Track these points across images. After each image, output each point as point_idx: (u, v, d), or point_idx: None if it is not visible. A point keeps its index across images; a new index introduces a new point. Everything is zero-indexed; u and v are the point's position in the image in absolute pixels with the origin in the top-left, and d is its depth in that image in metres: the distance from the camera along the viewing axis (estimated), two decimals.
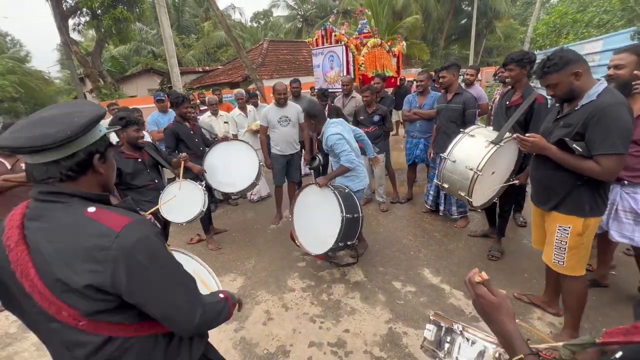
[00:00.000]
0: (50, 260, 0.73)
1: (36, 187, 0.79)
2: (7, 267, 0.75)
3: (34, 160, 0.77)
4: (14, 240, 0.75)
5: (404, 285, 2.72)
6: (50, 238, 0.75)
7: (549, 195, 1.88)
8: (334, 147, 2.69)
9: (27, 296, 0.75)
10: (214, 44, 19.99)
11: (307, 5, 26.14)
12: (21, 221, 0.77)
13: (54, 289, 0.73)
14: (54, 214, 0.78)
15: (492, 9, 23.03)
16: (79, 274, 0.72)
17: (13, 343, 2.43)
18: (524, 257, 2.98)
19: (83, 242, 0.74)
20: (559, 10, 8.64)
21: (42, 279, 0.73)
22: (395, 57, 7.53)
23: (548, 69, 1.69)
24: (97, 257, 0.73)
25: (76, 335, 0.77)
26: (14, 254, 0.74)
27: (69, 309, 0.74)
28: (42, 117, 0.77)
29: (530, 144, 1.79)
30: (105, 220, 0.77)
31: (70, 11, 12.18)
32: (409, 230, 3.67)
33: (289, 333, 2.30)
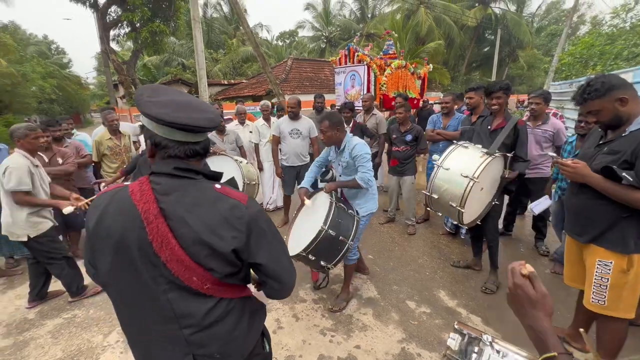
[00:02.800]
0: (197, 229, 0.80)
1: (170, 163, 0.84)
2: (143, 238, 0.80)
3: (193, 138, 0.85)
4: (154, 213, 0.80)
5: (419, 306, 2.64)
6: (192, 210, 0.82)
7: (587, 226, 1.75)
8: (360, 159, 2.40)
9: (156, 266, 0.81)
10: (240, 58, 20.88)
11: (331, 27, 27.08)
12: (154, 195, 0.82)
13: (195, 255, 0.80)
14: (188, 188, 0.85)
15: (516, 39, 23.16)
16: (225, 239, 0.82)
17: (30, 329, 2.49)
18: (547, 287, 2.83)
19: (222, 212, 0.83)
20: (586, 42, 8.58)
21: (183, 247, 0.80)
22: (420, 80, 7.63)
23: (588, 95, 1.62)
24: (235, 225, 0.83)
25: (192, 301, 0.85)
26: (153, 226, 0.79)
27: (204, 273, 0.82)
28: (194, 102, 0.87)
29: (573, 170, 1.68)
30: (232, 195, 0.87)
31: (113, 23, 13.10)
32: (424, 251, 3.59)
33: (298, 343, 2.26)
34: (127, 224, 0.82)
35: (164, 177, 0.84)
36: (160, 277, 0.82)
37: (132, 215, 0.81)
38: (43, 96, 19.32)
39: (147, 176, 0.87)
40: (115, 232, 0.82)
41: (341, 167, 2.56)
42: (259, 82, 15.10)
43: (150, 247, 0.80)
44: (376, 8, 25.49)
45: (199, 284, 0.83)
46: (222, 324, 0.90)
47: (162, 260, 0.80)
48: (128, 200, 0.83)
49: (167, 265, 0.80)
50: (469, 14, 21.20)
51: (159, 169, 0.85)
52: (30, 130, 2.53)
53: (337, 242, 2.25)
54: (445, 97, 3.93)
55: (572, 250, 1.97)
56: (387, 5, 23.38)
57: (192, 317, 0.86)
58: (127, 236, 0.81)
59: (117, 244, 0.82)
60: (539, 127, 3.18)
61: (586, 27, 26.23)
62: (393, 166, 4.01)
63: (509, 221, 3.84)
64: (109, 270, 0.86)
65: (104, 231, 0.84)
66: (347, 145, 2.48)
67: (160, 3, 12.74)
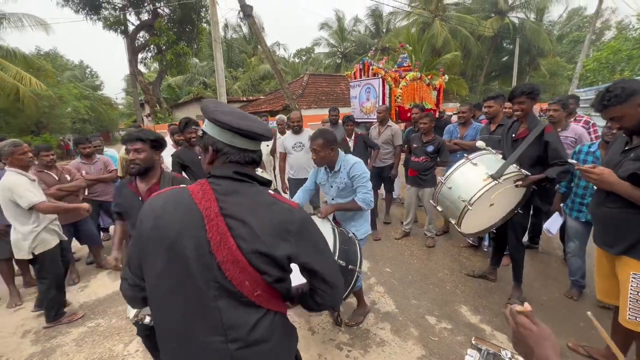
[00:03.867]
0: (257, 229, 0.81)
1: (230, 168, 0.89)
2: (202, 237, 0.81)
3: (253, 146, 0.92)
4: (215, 211, 0.81)
5: (439, 321, 2.53)
6: (252, 212, 0.83)
7: (617, 236, 1.67)
8: (360, 178, 2.21)
9: (210, 269, 0.81)
10: (258, 76, 21.59)
11: (346, 42, 27.59)
12: (215, 195, 0.84)
13: (252, 257, 0.80)
14: (246, 191, 0.87)
15: (536, 47, 22.64)
16: (281, 244, 0.83)
17: (57, 336, 2.59)
18: (579, 303, 2.66)
19: (278, 216, 0.85)
20: (612, 47, 8.26)
21: (240, 247, 0.80)
22: (435, 90, 7.59)
23: (608, 101, 1.58)
24: (290, 229, 0.85)
25: (241, 311, 0.84)
26: (213, 224, 0.80)
27: (256, 277, 0.82)
28: (250, 115, 0.94)
29: (597, 177, 1.60)
30: (284, 200, 0.91)
31: (141, 47, 13.99)
32: (445, 264, 3.47)
33: (314, 357, 2.21)
34: (187, 222, 0.83)
35: (223, 180, 0.88)
36: (212, 281, 0.81)
37: (192, 213, 0.83)
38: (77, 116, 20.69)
39: (206, 179, 0.91)
40: (172, 230, 0.83)
41: (335, 190, 2.33)
42: (276, 97, 15.50)
43: (208, 245, 0.80)
44: (391, 22, 25.80)
45: (250, 290, 0.82)
46: (268, 343, 0.87)
47: (217, 261, 0.80)
48: (188, 199, 0.85)
49: (221, 267, 0.80)
50: (485, 25, 21.00)
51: (219, 172, 0.89)
52: (16, 147, 2.50)
53: (347, 272, 1.93)
54: (462, 107, 3.88)
55: (603, 263, 1.85)
56: (402, 20, 23.61)
57: (240, 330, 0.83)
58: (185, 234, 0.82)
59: (173, 243, 0.82)
60: (560, 133, 3.06)
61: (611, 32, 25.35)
62: (412, 176, 3.92)
63: (534, 233, 3.66)
64: (160, 273, 0.85)
65: (161, 230, 0.84)
66: (342, 165, 2.25)
67: (184, 26, 13.53)
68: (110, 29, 12.87)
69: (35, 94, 12.83)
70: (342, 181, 2.27)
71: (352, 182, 2.25)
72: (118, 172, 3.98)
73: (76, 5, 12.17)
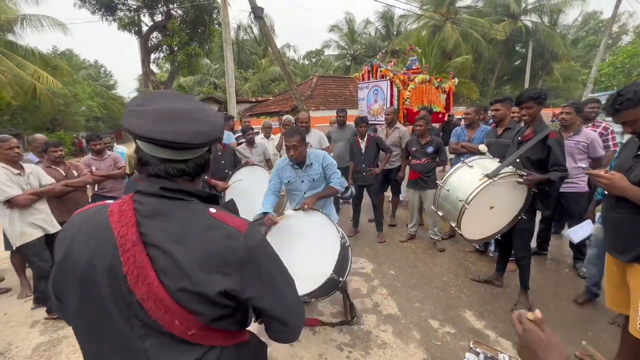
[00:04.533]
0: (182, 262, 0.66)
1: (156, 183, 0.71)
2: (116, 270, 0.66)
3: (176, 156, 0.71)
4: (131, 240, 0.66)
5: (442, 325, 2.50)
6: (177, 239, 0.67)
7: (629, 243, 1.62)
8: (332, 166, 2.48)
9: (130, 306, 0.67)
10: (268, 78, 21.78)
11: (356, 45, 27.61)
12: (135, 218, 0.68)
13: (177, 295, 0.66)
14: (177, 212, 0.70)
15: (550, 51, 22.26)
16: (214, 278, 0.67)
17: (64, 327, 2.64)
18: (588, 311, 2.59)
19: (215, 243, 0.69)
20: (628, 51, 8.07)
21: (164, 283, 0.65)
22: (445, 94, 7.52)
23: (620, 105, 1.55)
24: (229, 259, 0.69)
25: (174, 352, 0.70)
26: (129, 255, 0.65)
27: (187, 317, 0.67)
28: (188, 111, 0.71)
29: (608, 182, 1.58)
30: (229, 221, 0.73)
31: (154, 47, 14.26)
32: (450, 268, 3.43)
33: (314, 357, 2.21)
34: (98, 251, 0.68)
35: (149, 197, 0.71)
36: (135, 319, 0.67)
37: (105, 241, 0.68)
38: (90, 114, 21.22)
39: (131, 194, 0.73)
40: (82, 260, 0.68)
41: (309, 182, 2.48)
42: (285, 98, 15.59)
43: (124, 281, 0.65)
44: (401, 25, 25.74)
45: (182, 330, 0.68)
46: None
47: (137, 299, 0.65)
48: (104, 222, 0.69)
49: (143, 305, 0.66)
50: (497, 28, 20.76)
51: (143, 187, 0.72)
52: (3, 142, 2.59)
53: (335, 282, 2.03)
54: (468, 109, 3.84)
55: (614, 271, 1.80)
56: (413, 23, 23.52)
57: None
58: (97, 267, 0.67)
59: (83, 276, 0.68)
60: (571, 138, 2.99)
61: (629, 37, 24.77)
62: (413, 179, 3.89)
63: (543, 239, 3.59)
64: (76, 309, 0.71)
65: (71, 260, 0.70)
66: (314, 158, 2.47)
67: (196, 27, 13.74)
68: (125, 29, 13.16)
69: (51, 92, 13.20)
70: (316, 172, 2.47)
71: (325, 171, 2.48)
72: (126, 169, 4.06)
73: (93, 6, 12.49)
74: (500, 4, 22.05)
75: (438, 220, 3.90)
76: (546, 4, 21.75)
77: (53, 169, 3.20)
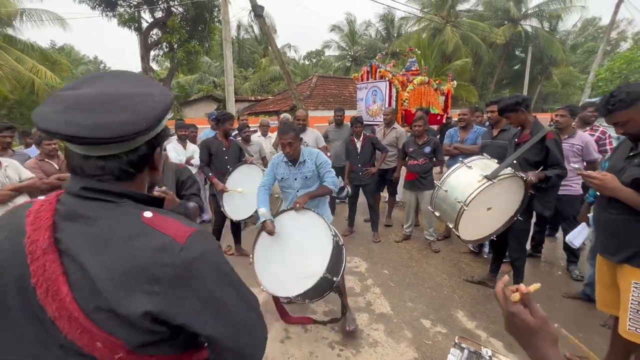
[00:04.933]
0: (96, 277, 0.55)
1: (78, 181, 0.61)
2: (25, 280, 0.56)
3: (88, 151, 0.59)
4: (42, 247, 0.56)
5: (434, 325, 2.50)
6: (96, 247, 0.57)
7: (619, 244, 1.63)
8: (325, 164, 2.41)
9: (41, 322, 0.57)
10: (268, 77, 21.76)
11: (357, 46, 27.65)
12: (52, 220, 0.58)
13: (94, 315, 0.55)
14: (101, 216, 0.60)
15: (549, 56, 22.38)
16: (135, 297, 0.55)
17: None
18: (580, 313, 2.60)
19: (141, 256, 0.57)
20: (626, 56, 8.13)
21: (78, 300, 0.55)
22: (443, 96, 7.54)
23: (613, 106, 1.56)
24: (158, 275, 0.56)
25: None
26: (39, 264, 0.55)
27: (109, 339, 0.56)
28: (102, 97, 0.58)
29: (600, 182, 1.59)
30: (166, 228, 0.60)
31: (153, 44, 14.22)
32: (444, 269, 3.43)
33: (305, 355, 2.20)
34: (9, 258, 0.58)
35: (72, 197, 0.61)
36: (50, 338, 0.57)
37: (17, 246, 0.57)
38: None
39: (57, 193, 0.64)
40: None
41: (301, 180, 2.43)
42: (284, 98, 15.58)
43: (34, 294, 0.55)
44: (402, 27, 25.79)
45: (106, 354, 0.57)
46: None
47: (48, 316, 0.55)
48: (20, 224, 0.59)
49: (56, 324, 0.55)
50: (497, 32, 20.84)
51: (68, 187, 0.62)
52: None
53: (329, 282, 1.99)
54: (463, 110, 3.85)
55: (604, 272, 1.80)
56: (413, 25, 23.59)
57: None
58: (7, 276, 0.58)
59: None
60: (566, 141, 3.00)
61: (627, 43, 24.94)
62: (410, 180, 3.88)
63: (537, 242, 3.59)
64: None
65: None
66: (307, 156, 2.42)
67: (196, 25, 13.72)
68: (125, 25, 13.12)
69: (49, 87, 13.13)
70: (309, 170, 2.41)
71: (318, 169, 2.41)
72: None
73: (93, 1, 12.45)
74: (500, 8, 22.15)
75: (434, 221, 3.91)
76: (546, 9, 21.85)
77: (46, 163, 3.17)
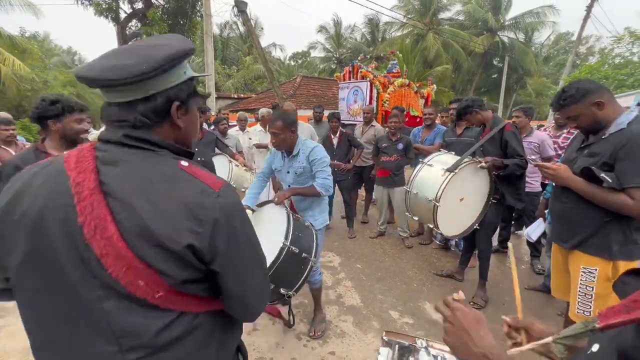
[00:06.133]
0: (144, 215, 0.59)
1: (119, 130, 0.65)
2: (72, 221, 0.59)
3: (110, 98, 0.66)
4: (89, 187, 0.59)
5: (402, 316, 2.53)
6: (142, 189, 0.61)
7: (571, 231, 1.70)
8: (319, 163, 2.15)
9: (88, 262, 0.59)
10: (252, 75, 21.55)
11: (342, 49, 27.87)
12: (95, 164, 0.62)
13: (141, 250, 0.59)
14: (143, 161, 0.64)
15: (523, 67, 23.41)
16: (181, 232, 0.60)
17: (5, 316, 2.46)
18: (539, 304, 2.72)
19: (183, 196, 0.62)
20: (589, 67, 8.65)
21: (125, 237, 0.58)
22: (423, 99, 7.71)
23: (564, 101, 1.63)
24: (199, 215, 0.62)
25: (139, 316, 0.62)
26: (86, 204, 0.58)
27: (152, 276, 0.60)
28: (124, 48, 0.66)
29: (553, 172, 1.66)
30: (202, 177, 0.66)
31: (132, 36, 13.75)
32: (415, 263, 3.49)
33: (271, 346, 2.17)
34: (52, 199, 0.61)
35: (111, 145, 0.65)
36: (93, 278, 0.60)
37: (60, 188, 0.61)
38: None
39: (91, 143, 0.68)
40: (34, 210, 0.61)
41: (292, 175, 2.24)
42: (267, 96, 15.47)
43: (80, 233, 0.58)
44: (386, 32, 26.24)
45: (147, 291, 0.60)
46: (181, 346, 0.65)
47: (95, 254, 0.58)
48: (59, 169, 0.63)
49: (102, 262, 0.58)
50: (476, 41, 21.61)
51: (106, 135, 0.66)
52: None
53: (300, 260, 1.79)
54: (427, 109, 3.95)
55: (558, 259, 1.89)
56: (397, 30, 24.06)
57: (139, 337, 0.62)
58: (50, 216, 0.60)
59: (35, 227, 0.61)
60: (524, 139, 3.16)
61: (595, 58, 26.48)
62: (382, 177, 3.91)
63: (503, 237, 3.73)
64: (20, 266, 0.63)
65: (20, 210, 0.62)
66: (301, 149, 2.18)
67: (177, 19, 13.40)
68: (102, 15, 12.63)
69: (17, 76, 12.41)
70: (300, 165, 2.19)
71: (311, 166, 2.17)
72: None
73: None
74: (480, 18, 22.97)
75: (407, 218, 3.97)
76: (522, 21, 22.87)
77: (3, 149, 2.99)
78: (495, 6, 22.52)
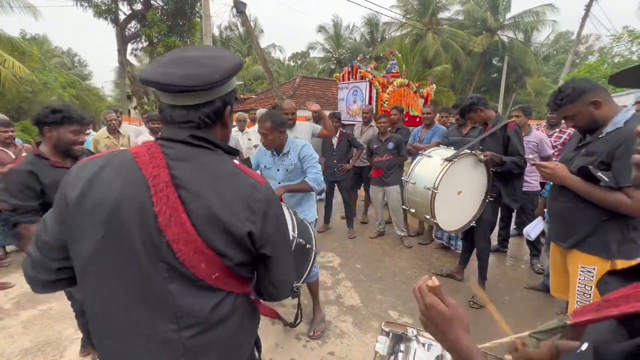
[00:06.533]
0: (213, 205, 0.68)
1: (186, 130, 0.74)
2: (147, 210, 0.66)
3: (177, 101, 0.73)
4: (164, 180, 0.67)
5: (401, 316, 2.53)
6: (210, 181, 0.70)
7: (569, 230, 1.70)
8: (310, 159, 2.26)
9: (159, 248, 0.67)
10: (251, 76, 21.59)
11: (342, 49, 27.89)
12: (166, 161, 0.70)
13: (208, 236, 0.68)
14: (206, 158, 0.74)
15: (523, 66, 23.41)
16: (243, 221, 0.70)
17: (4, 318, 2.46)
18: (539, 303, 2.71)
19: (241, 190, 0.72)
20: (589, 66, 8.65)
21: (194, 224, 0.67)
22: (422, 99, 7.71)
23: (561, 100, 1.63)
24: (253, 206, 0.72)
25: (197, 296, 0.71)
26: (162, 195, 0.66)
27: (214, 259, 0.69)
28: (186, 57, 0.72)
29: (551, 171, 1.66)
30: (250, 174, 0.77)
31: (131, 37, 13.77)
32: (415, 263, 3.49)
33: (270, 346, 2.17)
34: (128, 191, 0.68)
35: (176, 144, 0.73)
36: (161, 262, 0.68)
37: (135, 181, 0.68)
38: None
39: (154, 141, 0.75)
40: (109, 200, 0.67)
41: (283, 172, 2.31)
42: (267, 97, 15.49)
43: (155, 221, 0.66)
44: (385, 32, 26.26)
45: (207, 273, 0.69)
46: (225, 326, 0.75)
47: (166, 240, 0.66)
48: (131, 163, 0.70)
49: (172, 246, 0.66)
50: (475, 41, 21.61)
51: (171, 134, 0.74)
52: None
53: (306, 251, 1.82)
54: (426, 108, 3.96)
55: (557, 258, 1.89)
56: (396, 30, 24.07)
57: (195, 316, 0.71)
58: (126, 205, 0.67)
59: (111, 215, 0.67)
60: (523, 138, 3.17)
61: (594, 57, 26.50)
62: (376, 177, 3.91)
63: (503, 237, 3.73)
64: (93, 253, 0.68)
65: (93, 200, 0.68)
66: (292, 147, 2.28)
67: (177, 20, 13.41)
68: (101, 16, 12.64)
69: (17, 78, 12.43)
70: (291, 163, 2.27)
71: (301, 163, 2.27)
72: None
73: None
74: (479, 18, 22.99)
75: (402, 217, 3.97)
76: (521, 21, 22.87)
77: (2, 151, 3.00)
78: (494, 5, 22.51)
